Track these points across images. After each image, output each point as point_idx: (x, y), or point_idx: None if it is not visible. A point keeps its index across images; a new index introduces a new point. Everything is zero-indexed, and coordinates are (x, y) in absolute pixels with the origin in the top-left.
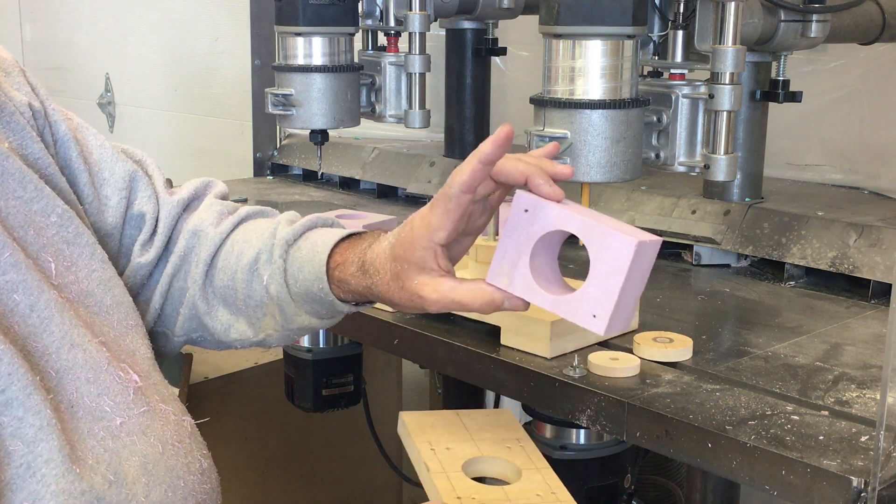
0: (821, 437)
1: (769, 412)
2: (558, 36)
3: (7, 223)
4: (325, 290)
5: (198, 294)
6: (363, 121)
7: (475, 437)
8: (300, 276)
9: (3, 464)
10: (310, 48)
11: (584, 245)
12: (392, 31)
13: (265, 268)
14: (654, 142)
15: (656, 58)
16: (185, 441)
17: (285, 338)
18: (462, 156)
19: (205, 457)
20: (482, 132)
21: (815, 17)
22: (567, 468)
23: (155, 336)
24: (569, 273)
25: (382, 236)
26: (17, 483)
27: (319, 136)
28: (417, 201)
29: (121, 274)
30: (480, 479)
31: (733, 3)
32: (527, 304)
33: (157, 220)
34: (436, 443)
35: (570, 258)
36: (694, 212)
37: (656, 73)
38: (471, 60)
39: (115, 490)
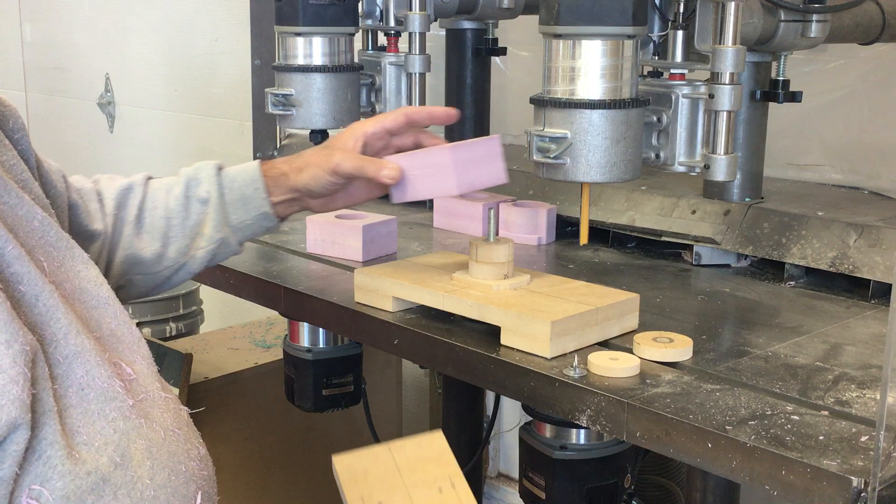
0: (821, 437)
1: (769, 412)
2: (558, 36)
3: (5, 222)
4: (259, 189)
5: (132, 233)
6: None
7: (406, 479)
8: (234, 185)
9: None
10: (310, 48)
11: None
12: (392, 31)
13: (198, 187)
14: (654, 142)
15: (656, 58)
16: (183, 428)
17: (210, 255)
18: None
19: (201, 444)
20: (482, 132)
21: (815, 17)
22: (567, 468)
23: None
24: (569, 273)
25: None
26: (25, 466)
27: (319, 136)
28: (417, 201)
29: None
30: None
31: (733, 3)
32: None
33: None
34: (368, 497)
35: (570, 258)
36: (694, 212)
37: (656, 73)
38: (471, 60)
39: (121, 472)
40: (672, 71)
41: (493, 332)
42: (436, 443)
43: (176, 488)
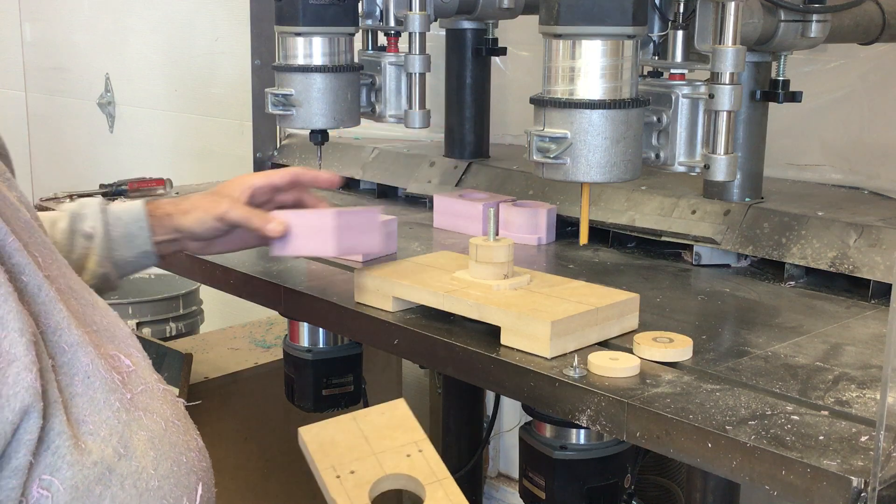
0: (821, 437)
1: (769, 412)
2: (558, 36)
3: (3, 215)
4: (144, 227)
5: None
6: (363, 121)
7: (375, 447)
8: (119, 223)
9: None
10: (310, 48)
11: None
12: (392, 31)
13: (83, 223)
14: (654, 142)
15: (656, 58)
16: (182, 420)
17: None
18: (462, 156)
19: (199, 436)
20: (482, 132)
21: (815, 17)
22: (567, 468)
23: None
24: (569, 273)
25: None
26: (35, 457)
27: (319, 136)
28: (417, 201)
29: None
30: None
31: (733, 3)
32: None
33: None
34: (339, 466)
35: (570, 258)
36: (694, 212)
37: (656, 73)
38: (471, 60)
39: (126, 463)
40: (672, 71)
41: (493, 332)
42: (399, 410)
43: (178, 479)
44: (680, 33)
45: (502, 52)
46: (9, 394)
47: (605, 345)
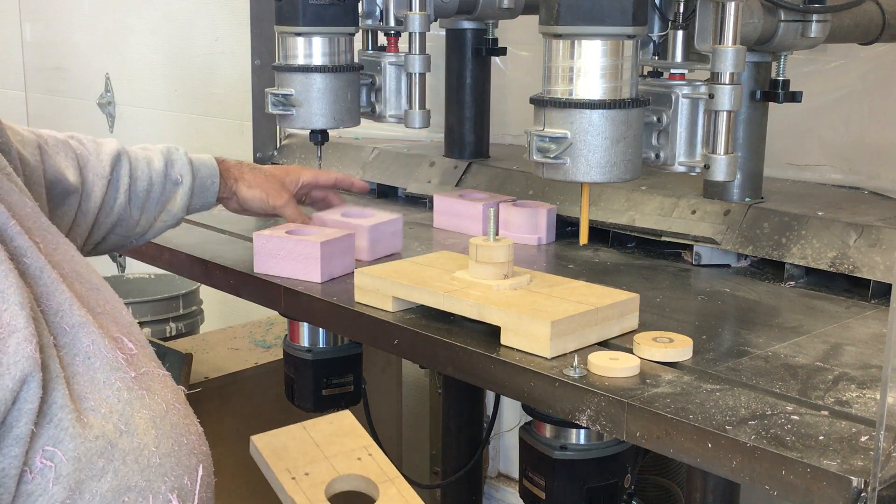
0: (821, 437)
1: (769, 412)
2: (558, 36)
3: (4, 201)
4: (216, 183)
5: (125, 201)
6: (363, 121)
7: (326, 452)
8: (199, 174)
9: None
10: (310, 48)
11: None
12: (392, 31)
13: (173, 168)
14: (654, 142)
15: (656, 58)
16: (182, 404)
17: (166, 229)
18: (462, 156)
19: (198, 423)
20: (482, 132)
21: (815, 17)
22: (567, 468)
23: None
24: (569, 273)
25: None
26: (37, 430)
27: (319, 136)
28: (417, 201)
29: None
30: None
31: (733, 3)
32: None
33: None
34: (294, 468)
35: (570, 258)
36: (694, 212)
37: (656, 73)
38: (471, 60)
39: (127, 439)
40: (672, 71)
41: (493, 332)
42: (346, 420)
43: (179, 458)
44: (680, 33)
45: (502, 52)
46: (9, 362)
47: (605, 345)
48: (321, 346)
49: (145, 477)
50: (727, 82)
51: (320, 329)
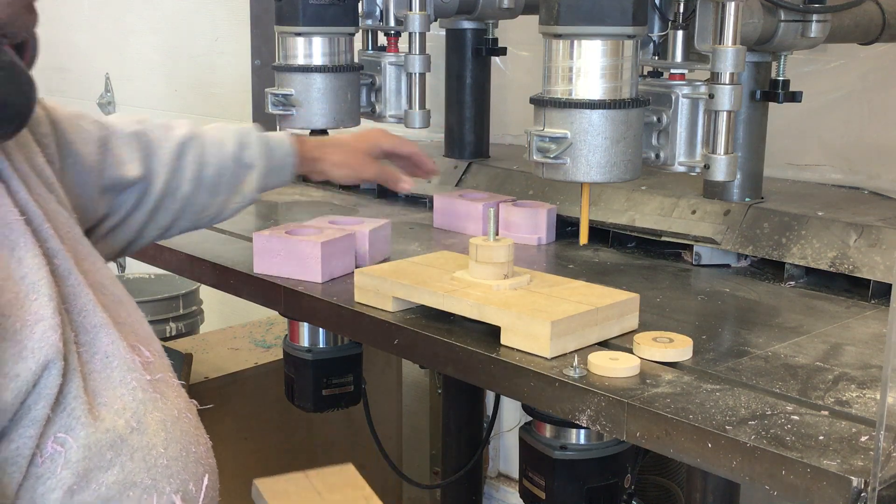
0: (821, 437)
1: (769, 412)
2: (558, 36)
3: (41, 208)
4: (291, 164)
5: (192, 188)
6: (363, 121)
7: (327, 500)
8: (274, 156)
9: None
10: (310, 48)
11: None
12: (392, 31)
13: (245, 151)
14: (654, 142)
15: (656, 58)
16: (195, 416)
17: (239, 210)
18: (462, 156)
19: (207, 437)
20: (482, 132)
21: (815, 17)
22: (567, 468)
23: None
24: (569, 273)
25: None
26: (52, 417)
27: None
28: (417, 201)
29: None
30: None
31: (733, 3)
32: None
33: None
34: None
35: (570, 258)
36: (694, 212)
37: (656, 73)
38: (471, 60)
39: (137, 436)
40: (672, 71)
41: (493, 332)
42: (348, 472)
43: (186, 464)
44: (680, 33)
45: (502, 52)
46: (34, 347)
47: (605, 345)
48: (321, 346)
49: (151, 476)
50: (727, 82)
51: (320, 329)
